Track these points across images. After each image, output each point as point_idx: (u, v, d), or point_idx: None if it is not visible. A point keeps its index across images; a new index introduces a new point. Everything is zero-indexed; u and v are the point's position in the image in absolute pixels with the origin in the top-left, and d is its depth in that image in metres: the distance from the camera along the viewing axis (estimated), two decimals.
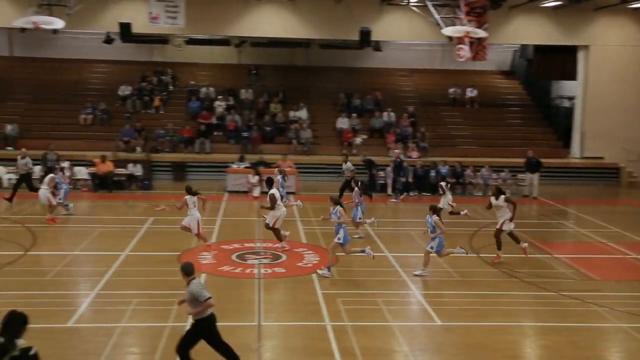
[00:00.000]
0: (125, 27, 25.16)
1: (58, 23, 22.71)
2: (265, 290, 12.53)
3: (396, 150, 25.71)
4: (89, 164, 24.01)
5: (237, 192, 23.47)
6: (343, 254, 13.79)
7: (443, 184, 18.78)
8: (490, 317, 11.40)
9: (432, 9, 24.22)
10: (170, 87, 30.62)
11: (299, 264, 14.26)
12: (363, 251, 13.64)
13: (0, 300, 11.40)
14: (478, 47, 24.72)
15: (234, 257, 14.86)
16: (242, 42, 30.28)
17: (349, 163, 21.95)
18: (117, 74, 31.10)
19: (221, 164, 25.67)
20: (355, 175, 20.18)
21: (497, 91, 33.04)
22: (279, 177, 17.66)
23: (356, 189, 16.85)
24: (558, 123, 31.32)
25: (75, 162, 24.18)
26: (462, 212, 17.32)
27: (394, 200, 23.39)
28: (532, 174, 24.82)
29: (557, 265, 15.19)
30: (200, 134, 27.40)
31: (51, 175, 18.41)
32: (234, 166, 24.45)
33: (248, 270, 13.83)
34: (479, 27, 23.83)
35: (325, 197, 20.88)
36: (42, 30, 23.49)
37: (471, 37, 23.51)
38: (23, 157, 21.14)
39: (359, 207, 16.54)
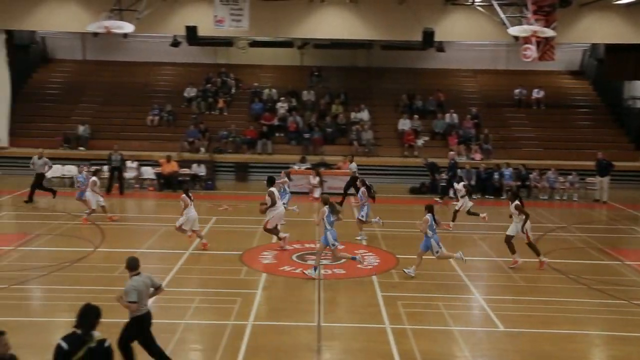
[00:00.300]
0: (191, 31, 25.72)
1: (128, 27, 23.44)
2: (325, 291, 12.54)
3: (450, 152, 25.33)
4: (154, 164, 24.65)
5: (298, 193, 23.61)
6: (412, 256, 13.63)
7: (458, 185, 19.21)
8: (556, 324, 11.06)
9: (497, 8, 23.72)
10: (234, 89, 31.10)
11: (359, 266, 14.21)
12: (354, 258, 13.75)
13: (71, 294, 11.88)
14: (545, 46, 24.07)
15: (294, 257, 14.96)
16: (304, 43, 30.47)
17: (354, 163, 23.11)
18: (183, 76, 31.84)
19: (282, 164, 25.86)
20: (358, 175, 20.95)
21: (565, 92, 32.07)
22: (285, 179, 18.38)
23: (363, 188, 16.97)
24: (630, 125, 30.11)
25: (142, 162, 24.89)
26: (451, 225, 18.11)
27: (455, 203, 22.98)
28: (602, 177, 23.96)
29: (628, 273, 14.60)
30: (262, 135, 27.73)
31: (93, 178, 18.42)
32: (295, 167, 24.62)
33: (308, 271, 13.87)
34: (547, 26, 23.17)
35: (386, 200, 20.87)
36: (113, 35, 24.35)
37: (538, 37, 22.90)
38: (40, 157, 21.41)
39: (366, 207, 16.72)
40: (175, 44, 28.82)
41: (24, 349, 7.76)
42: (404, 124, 28.65)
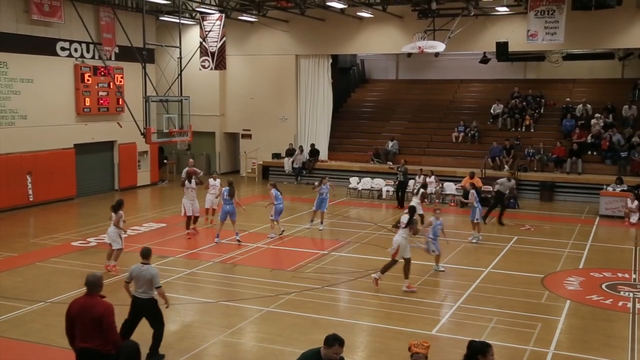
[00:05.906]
0: (502, 46, 25.38)
1: (440, 47, 24.21)
2: None
3: None
4: (457, 179, 24.88)
5: (611, 216, 21.66)
6: None
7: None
8: None
9: None
10: (542, 105, 29.83)
11: None
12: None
13: (374, 301, 12.69)
14: None
15: (603, 286, 13.74)
16: (627, 54, 27.81)
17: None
18: (490, 93, 31.60)
19: (593, 185, 24.04)
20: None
21: None
22: (273, 191, 18.10)
23: (272, 190, 18.00)
24: None
25: (444, 178, 25.30)
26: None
27: None
28: None
29: None
30: (572, 154, 26.04)
31: (119, 212, 14.69)
32: (609, 189, 22.62)
33: (620, 303, 12.62)
34: None
35: None
36: (425, 54, 25.37)
37: None
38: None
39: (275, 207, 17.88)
40: (485, 60, 28.76)
41: None
42: None
